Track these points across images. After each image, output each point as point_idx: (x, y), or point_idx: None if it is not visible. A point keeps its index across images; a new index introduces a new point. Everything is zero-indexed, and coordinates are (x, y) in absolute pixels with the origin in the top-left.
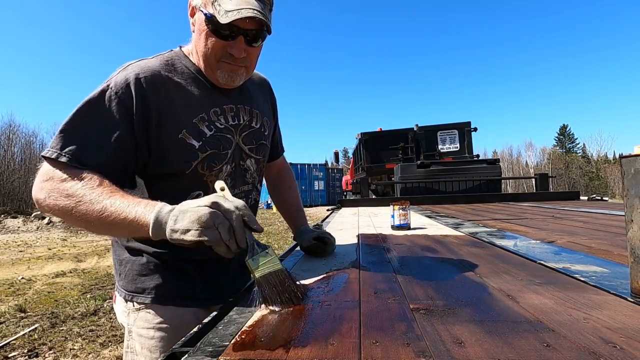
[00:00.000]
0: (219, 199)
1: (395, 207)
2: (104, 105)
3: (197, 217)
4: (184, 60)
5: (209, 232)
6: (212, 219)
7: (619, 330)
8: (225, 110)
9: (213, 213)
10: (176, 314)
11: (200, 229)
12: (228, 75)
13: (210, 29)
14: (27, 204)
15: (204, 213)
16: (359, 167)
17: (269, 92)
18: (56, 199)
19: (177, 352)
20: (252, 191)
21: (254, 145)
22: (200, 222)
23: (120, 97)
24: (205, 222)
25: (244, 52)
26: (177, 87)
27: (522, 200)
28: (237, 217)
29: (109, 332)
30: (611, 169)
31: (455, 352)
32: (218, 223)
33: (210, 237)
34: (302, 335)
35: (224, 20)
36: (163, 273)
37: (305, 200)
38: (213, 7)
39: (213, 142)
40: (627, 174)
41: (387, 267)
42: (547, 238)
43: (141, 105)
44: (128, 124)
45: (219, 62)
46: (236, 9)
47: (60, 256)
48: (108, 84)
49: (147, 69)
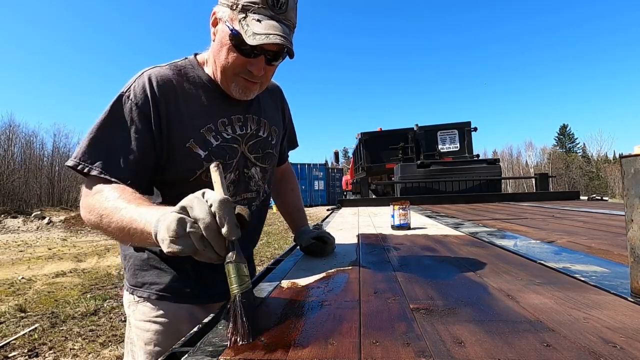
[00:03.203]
0: (191, 201)
1: (395, 207)
2: (126, 115)
3: (166, 226)
4: (197, 69)
5: (181, 242)
6: (181, 227)
7: (619, 330)
8: (233, 121)
9: (181, 220)
10: (171, 309)
11: (170, 238)
12: (242, 90)
13: (233, 44)
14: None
15: (171, 220)
16: (359, 167)
17: (280, 100)
18: (87, 214)
19: (177, 352)
20: (256, 199)
21: (260, 154)
22: (169, 231)
23: (140, 107)
24: (175, 231)
25: (262, 70)
26: (187, 97)
27: (522, 200)
28: (208, 226)
29: (109, 332)
30: (611, 169)
31: (455, 352)
32: (188, 231)
33: (183, 248)
34: (302, 335)
35: (251, 42)
36: (161, 269)
37: (305, 200)
38: (240, 26)
39: (219, 152)
40: (627, 174)
41: (387, 267)
42: (547, 238)
43: (157, 111)
44: (149, 132)
45: (235, 76)
46: (264, 34)
47: (60, 256)
48: (128, 94)
49: (161, 76)
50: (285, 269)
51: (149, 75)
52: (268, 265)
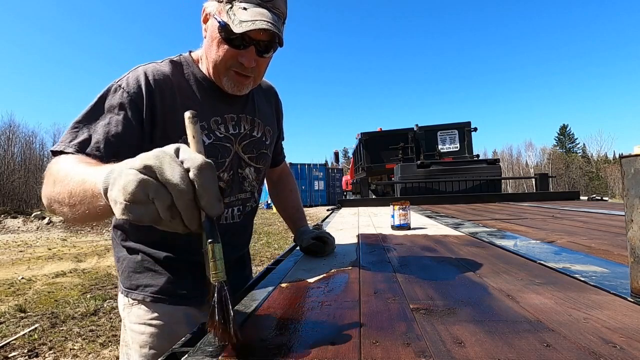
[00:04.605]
0: (160, 159)
1: (395, 207)
2: (115, 102)
3: (123, 185)
4: (191, 66)
5: (136, 209)
6: (142, 191)
7: (619, 330)
8: (227, 120)
9: (144, 182)
10: (167, 311)
11: (124, 202)
12: (234, 84)
13: (223, 37)
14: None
15: (129, 181)
16: (359, 167)
17: (274, 100)
18: (45, 185)
19: (177, 352)
20: (251, 199)
21: (254, 155)
22: (126, 193)
23: (132, 97)
24: (132, 193)
25: (254, 62)
26: (182, 93)
27: (522, 200)
28: (182, 194)
29: (109, 332)
30: (611, 169)
31: (455, 352)
32: (153, 197)
33: (137, 216)
34: (302, 335)
35: (237, 30)
36: (156, 271)
37: (305, 200)
38: (227, 16)
39: (211, 151)
40: (627, 174)
41: (387, 267)
42: (547, 238)
43: (150, 105)
44: (138, 122)
45: (227, 70)
46: (251, 20)
47: (60, 256)
48: (120, 83)
49: (157, 71)
50: (285, 269)
51: (145, 69)
52: (268, 266)
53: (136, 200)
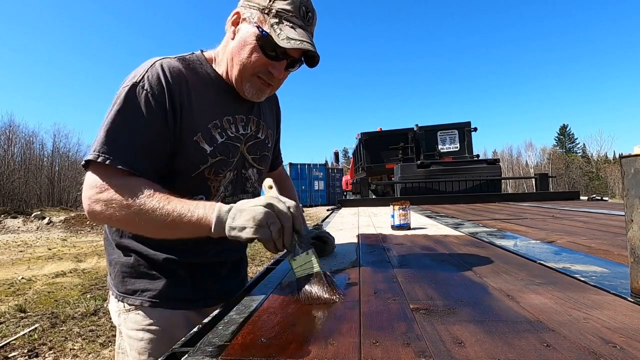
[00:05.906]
0: (273, 200)
1: (395, 207)
2: (142, 105)
3: (253, 216)
4: (205, 65)
5: (262, 231)
6: (265, 219)
7: (619, 330)
8: (237, 120)
9: (268, 213)
10: (165, 316)
11: (254, 227)
12: (256, 91)
13: (259, 44)
14: (27, 204)
15: (259, 212)
16: (359, 167)
17: (275, 105)
18: (115, 209)
19: (177, 352)
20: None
21: (258, 156)
22: (255, 220)
23: (156, 97)
24: (260, 221)
25: (282, 73)
26: (196, 90)
27: (522, 200)
28: (288, 219)
29: (109, 332)
30: (611, 169)
31: (455, 352)
32: (270, 223)
33: (262, 236)
34: (302, 335)
35: (284, 45)
36: (153, 275)
37: (305, 200)
38: (272, 29)
39: (223, 149)
40: (627, 174)
41: (387, 267)
42: (547, 238)
43: (172, 102)
44: (164, 124)
45: (252, 77)
46: (299, 40)
47: (60, 256)
48: (142, 84)
49: (172, 67)
50: (285, 269)
51: (161, 64)
52: (268, 266)
53: (261, 225)
